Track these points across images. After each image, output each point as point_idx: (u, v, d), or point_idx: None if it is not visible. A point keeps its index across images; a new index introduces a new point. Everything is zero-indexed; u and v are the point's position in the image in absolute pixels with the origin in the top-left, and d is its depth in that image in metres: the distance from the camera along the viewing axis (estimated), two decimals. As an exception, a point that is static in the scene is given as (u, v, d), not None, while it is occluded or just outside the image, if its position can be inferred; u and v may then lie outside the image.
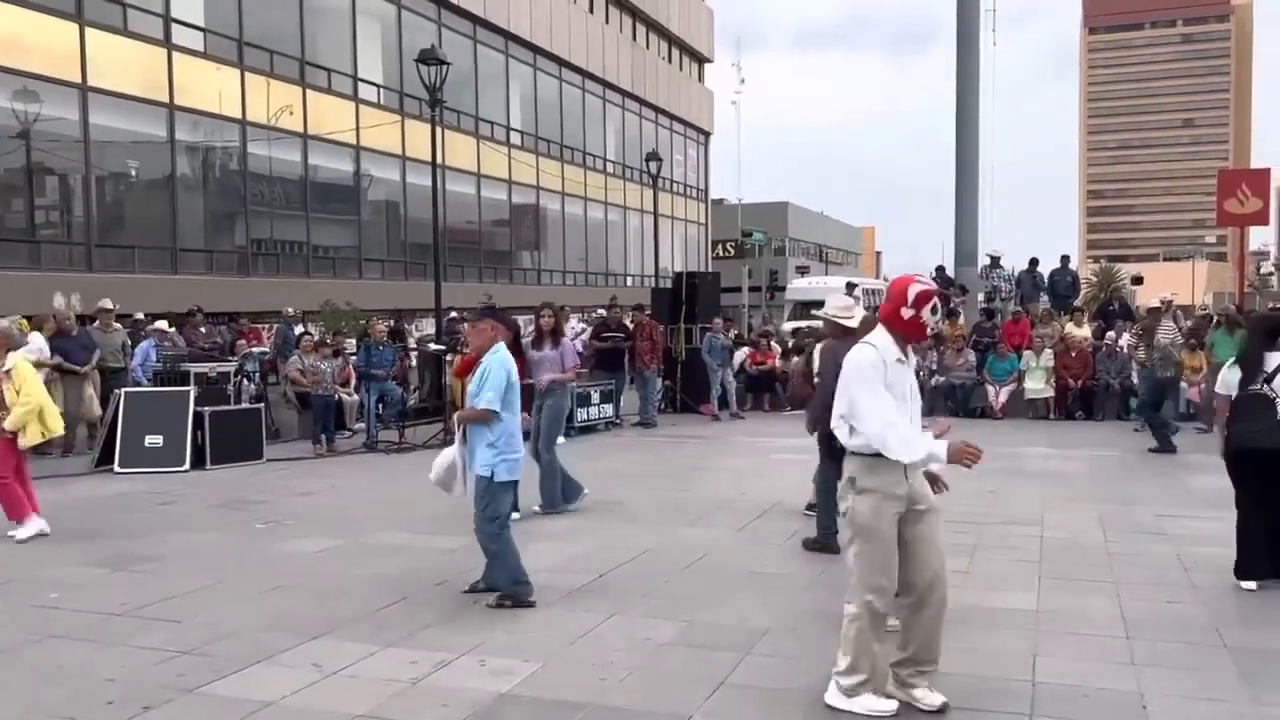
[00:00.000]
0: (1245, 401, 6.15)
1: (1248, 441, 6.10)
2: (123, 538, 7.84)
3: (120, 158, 20.42)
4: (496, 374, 5.79)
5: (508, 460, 5.80)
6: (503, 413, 5.78)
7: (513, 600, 5.77)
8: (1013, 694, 4.47)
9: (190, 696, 4.52)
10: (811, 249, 65.53)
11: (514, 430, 5.85)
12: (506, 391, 5.80)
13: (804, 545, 7.29)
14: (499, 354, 5.90)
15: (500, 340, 6.02)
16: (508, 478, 5.83)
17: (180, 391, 11.66)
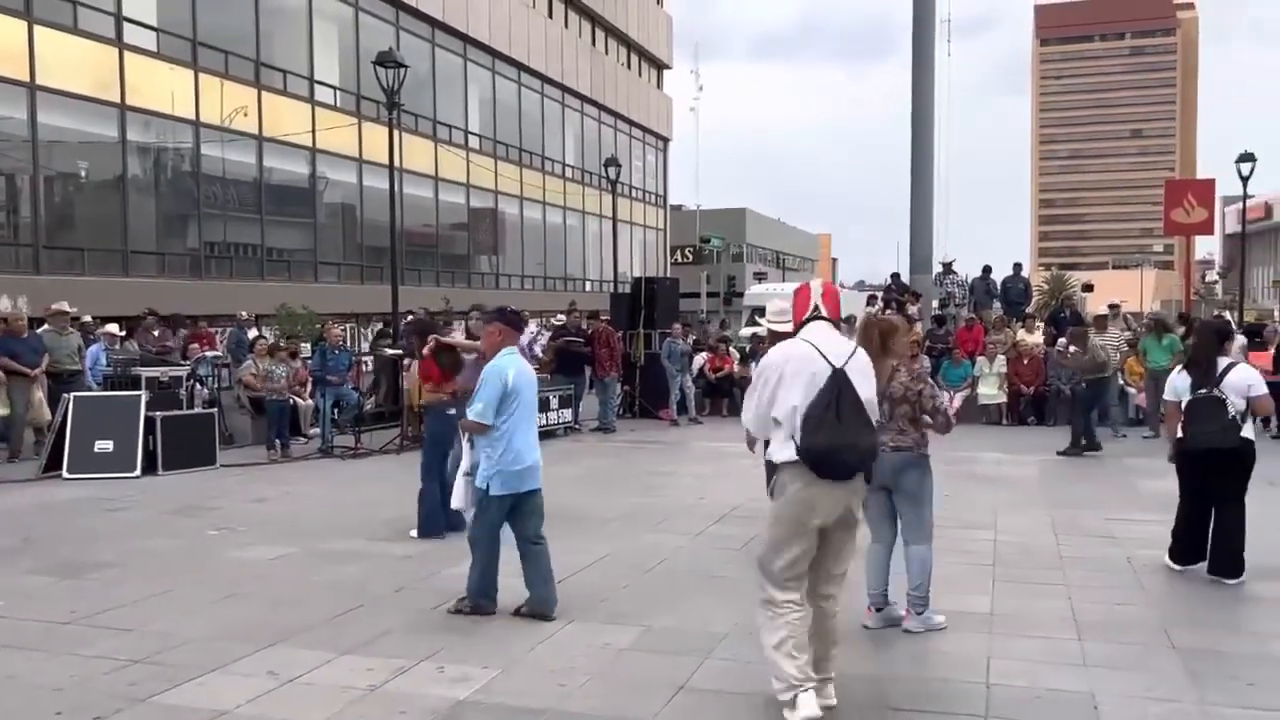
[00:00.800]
0: (1199, 404, 6.38)
1: (1203, 443, 6.36)
2: (72, 545, 7.69)
3: (70, 158, 20.07)
4: (490, 383, 5.54)
5: (503, 473, 5.56)
6: (500, 423, 5.52)
7: (471, 609, 5.69)
8: (967, 696, 4.54)
9: (142, 706, 4.44)
10: (769, 255, 65.94)
11: (515, 442, 5.57)
12: (505, 400, 5.52)
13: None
14: (500, 360, 5.65)
15: (510, 344, 5.76)
16: (501, 491, 5.59)
17: (131, 396, 11.46)
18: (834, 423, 4.15)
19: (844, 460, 4.21)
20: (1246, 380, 6.40)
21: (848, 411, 4.18)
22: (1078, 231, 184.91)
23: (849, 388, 4.20)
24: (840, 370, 4.22)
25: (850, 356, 4.30)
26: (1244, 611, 5.81)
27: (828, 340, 4.32)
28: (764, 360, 4.52)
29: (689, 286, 33.10)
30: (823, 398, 4.17)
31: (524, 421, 5.65)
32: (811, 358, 4.25)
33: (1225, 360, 6.50)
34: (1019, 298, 20.42)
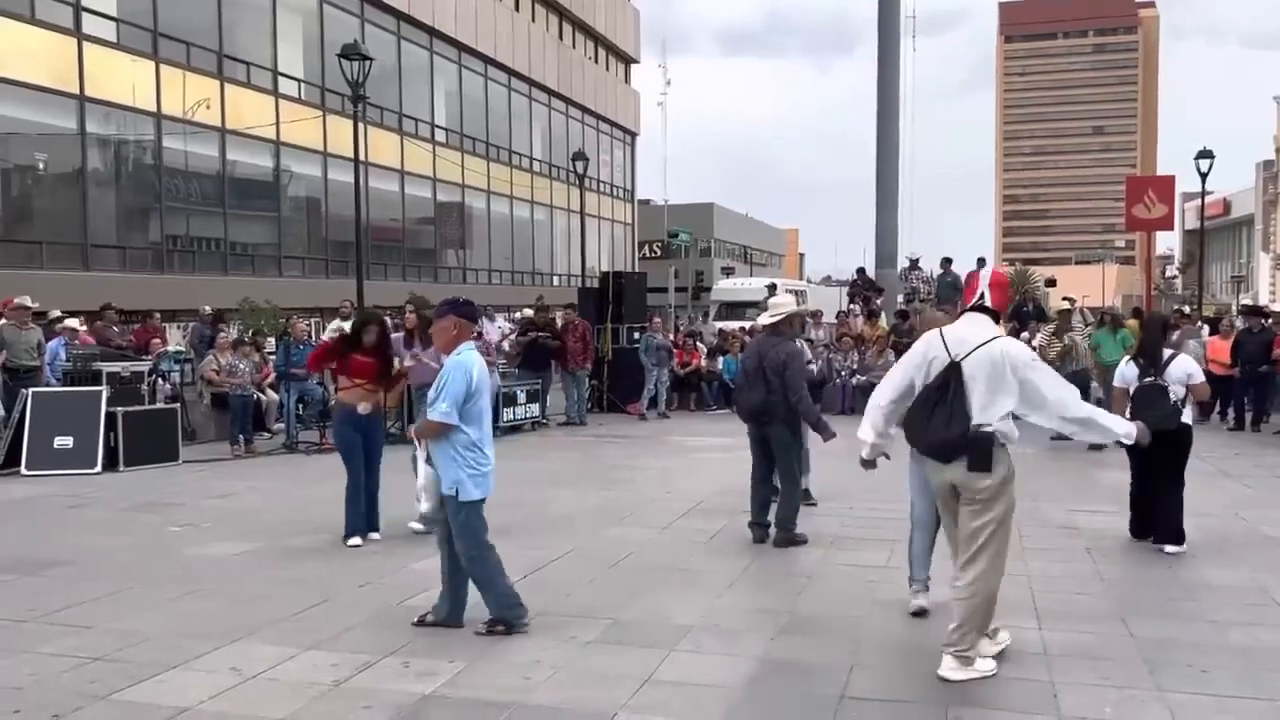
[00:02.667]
0: (1144, 391, 7.05)
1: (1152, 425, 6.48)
2: (30, 542, 7.58)
3: (27, 150, 19.75)
4: (455, 381, 5.14)
5: (474, 475, 5.23)
6: (465, 424, 5.18)
7: (505, 625, 5.24)
8: (932, 684, 4.58)
9: (102, 703, 4.40)
10: (737, 250, 66.16)
11: (480, 442, 5.27)
12: (469, 399, 5.17)
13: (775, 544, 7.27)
14: (461, 356, 5.25)
15: (466, 337, 5.36)
16: (476, 495, 5.25)
17: (91, 391, 11.31)
18: (929, 412, 4.48)
19: (928, 446, 4.56)
20: (1186, 369, 7.14)
21: (940, 399, 4.44)
22: (1041, 227, 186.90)
23: (957, 381, 4.43)
24: (956, 363, 4.46)
25: (975, 350, 4.44)
26: (1201, 601, 5.91)
27: (964, 332, 4.55)
28: (914, 347, 4.81)
29: (657, 281, 33.15)
30: (932, 388, 4.50)
31: (485, 421, 5.35)
32: (934, 352, 4.58)
33: (1169, 351, 7.23)
34: (983, 292, 20.60)
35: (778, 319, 7.37)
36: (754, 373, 7.32)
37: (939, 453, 4.54)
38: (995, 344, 4.45)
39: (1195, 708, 4.31)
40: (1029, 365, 4.45)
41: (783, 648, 5.12)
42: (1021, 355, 4.49)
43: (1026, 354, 4.52)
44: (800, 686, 4.62)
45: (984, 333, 4.50)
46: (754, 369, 7.34)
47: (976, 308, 4.61)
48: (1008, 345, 4.50)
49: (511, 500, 9.12)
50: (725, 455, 12.25)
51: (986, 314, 4.59)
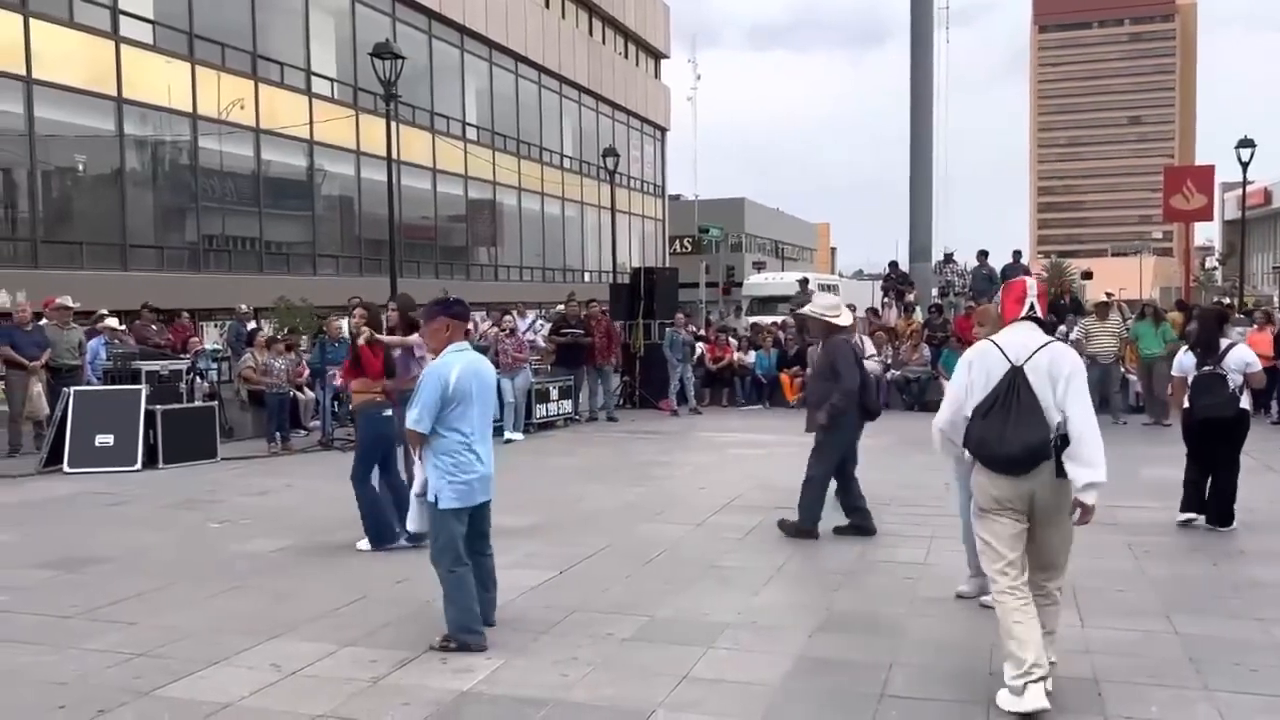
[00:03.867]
0: (1204, 380, 7.48)
1: (1208, 413, 7.44)
2: (73, 539, 7.69)
3: (67, 152, 20.03)
4: (427, 387, 4.96)
5: (454, 483, 4.98)
6: (443, 430, 4.97)
7: (458, 645, 4.99)
8: (972, 683, 4.54)
9: (146, 699, 4.45)
10: (768, 245, 65.94)
11: (467, 448, 5.02)
12: (448, 404, 4.95)
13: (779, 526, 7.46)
14: (443, 359, 5.07)
15: (457, 339, 5.17)
16: (454, 504, 4.99)
17: (131, 390, 11.45)
18: (1002, 421, 4.30)
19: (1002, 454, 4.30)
20: (1244, 359, 7.51)
21: (1017, 408, 4.29)
22: (1077, 219, 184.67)
23: (1025, 385, 4.31)
24: (1018, 368, 4.35)
25: (1034, 354, 4.37)
26: (1246, 598, 5.81)
27: (1019, 339, 4.45)
28: (960, 362, 4.67)
29: (688, 276, 33.08)
30: (994, 394, 4.36)
31: (477, 425, 5.08)
32: (991, 360, 4.44)
33: (1225, 341, 7.65)
34: (1018, 285, 20.38)
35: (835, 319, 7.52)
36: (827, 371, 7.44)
37: (1022, 463, 4.28)
38: (1054, 345, 4.46)
39: (1244, 708, 4.24)
40: (1077, 372, 4.40)
41: (820, 645, 5.08)
42: (1074, 360, 4.45)
43: (1075, 360, 4.47)
44: (839, 684, 4.58)
45: (1040, 338, 4.50)
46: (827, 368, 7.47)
47: (1028, 318, 4.56)
48: (1064, 348, 4.51)
49: (544, 496, 9.18)
50: (758, 451, 12.22)
51: (1038, 323, 4.56)
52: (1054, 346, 4.45)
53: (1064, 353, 4.44)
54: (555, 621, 5.47)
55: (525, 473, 10.76)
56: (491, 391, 5.26)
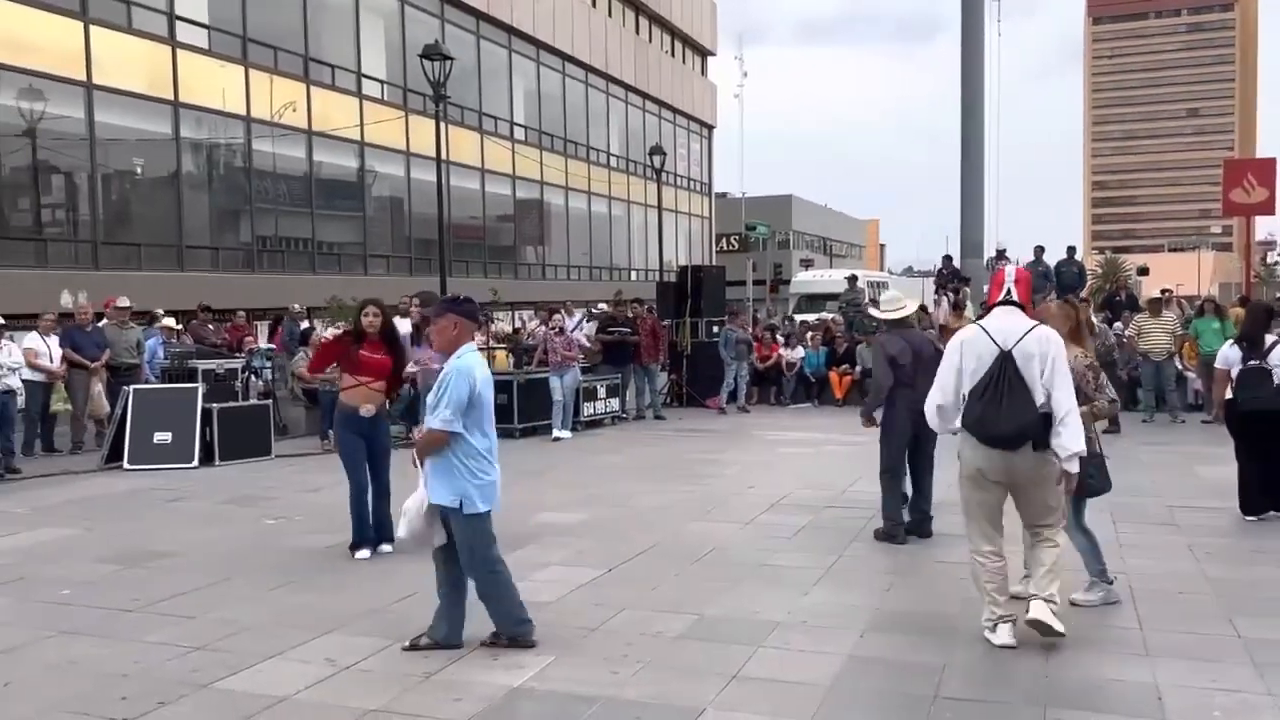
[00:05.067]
0: (1249, 373, 7.55)
1: (1253, 405, 7.50)
2: (134, 534, 7.86)
3: (126, 155, 20.44)
4: (457, 386, 4.78)
5: (480, 485, 4.85)
6: (469, 432, 4.84)
7: (511, 641, 4.98)
8: (1028, 685, 4.47)
9: (204, 692, 4.53)
10: (816, 242, 65.45)
11: (484, 450, 4.91)
12: (472, 406, 4.83)
13: (875, 536, 7.32)
14: (463, 359, 4.90)
15: (467, 339, 5.02)
16: (482, 507, 4.87)
17: (188, 388, 11.68)
18: (995, 403, 4.76)
19: (997, 433, 4.79)
20: None
21: (1008, 391, 4.74)
22: (1132, 214, 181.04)
23: (1014, 369, 4.76)
24: (1007, 352, 4.79)
25: (1021, 339, 4.80)
26: (1312, 601, 5.66)
27: (1006, 324, 4.88)
28: (948, 346, 5.15)
29: (735, 274, 32.91)
30: (987, 377, 4.79)
31: (489, 430, 4.97)
32: (981, 346, 4.88)
33: (1271, 337, 7.71)
34: (1073, 282, 20.06)
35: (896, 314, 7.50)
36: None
37: (1012, 441, 4.77)
38: (1038, 330, 4.85)
39: (1311, 713, 4.13)
40: (1059, 354, 4.79)
41: (872, 646, 5.04)
42: (1057, 343, 4.84)
43: (1059, 344, 4.85)
44: (891, 685, 4.54)
45: (1024, 322, 4.89)
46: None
47: (1006, 302, 4.99)
48: (1048, 331, 4.89)
49: (593, 494, 9.20)
50: (808, 450, 12.15)
51: (1017, 307, 4.97)
52: (1037, 331, 4.85)
53: (1046, 337, 4.84)
54: (605, 619, 5.48)
55: (573, 470, 10.80)
56: (492, 394, 5.10)
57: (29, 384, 11.87)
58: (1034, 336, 4.81)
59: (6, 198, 18.07)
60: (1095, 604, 5.53)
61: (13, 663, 4.93)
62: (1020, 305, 4.98)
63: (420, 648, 4.99)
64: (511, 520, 7.87)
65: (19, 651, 5.10)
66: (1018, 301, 4.98)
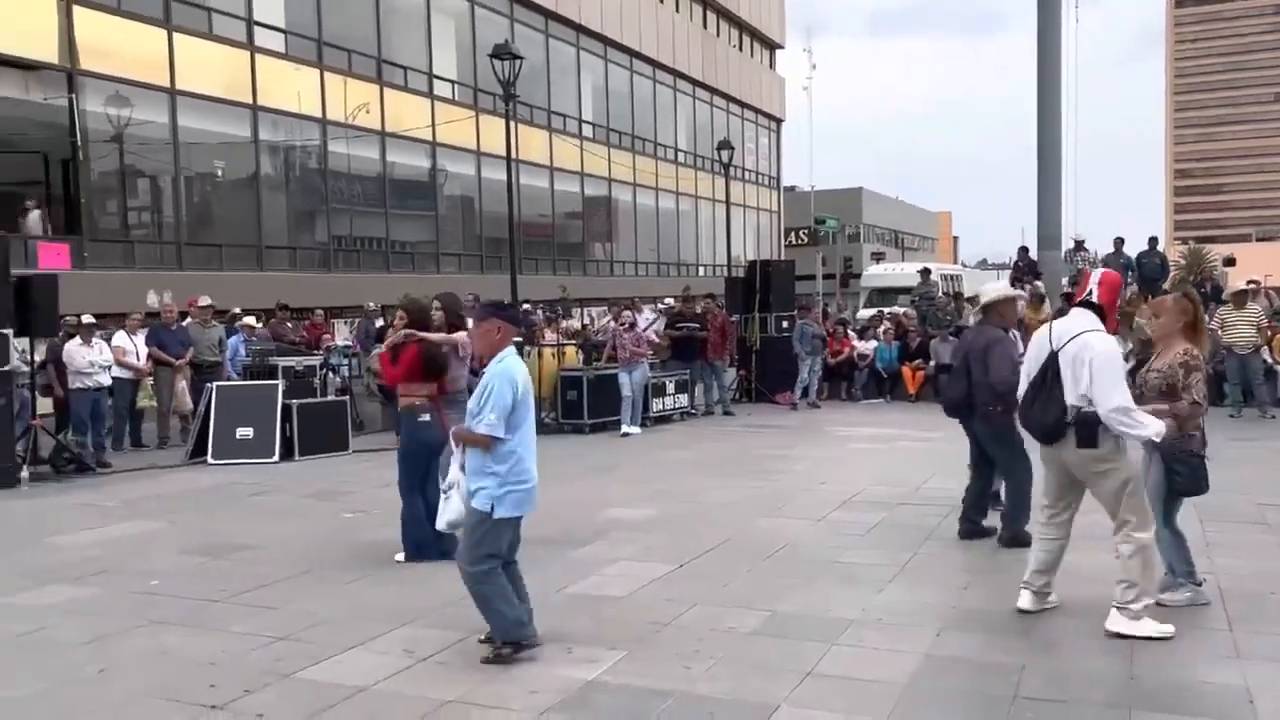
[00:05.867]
0: None
1: None
2: (219, 527, 8.09)
3: (207, 158, 21.01)
4: (500, 391, 4.77)
5: (515, 492, 4.80)
6: (509, 436, 4.79)
7: (513, 647, 4.83)
8: (1111, 686, 4.37)
9: (288, 681, 4.65)
10: (887, 235, 64.63)
11: (523, 454, 4.85)
12: (514, 410, 4.80)
13: (999, 543, 6.93)
14: (504, 363, 4.89)
15: (507, 345, 5.01)
16: (512, 513, 4.84)
17: (269, 385, 11.97)
18: (1032, 397, 5.09)
19: (1029, 427, 5.20)
20: None
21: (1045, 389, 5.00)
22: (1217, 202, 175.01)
23: (1055, 369, 4.97)
24: (1054, 352, 5.01)
25: (1070, 340, 4.97)
26: None
27: (1065, 325, 5.07)
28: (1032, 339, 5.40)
29: (804, 269, 32.65)
30: (1037, 372, 5.07)
31: (531, 433, 4.94)
32: (1041, 342, 5.15)
33: None
34: (1155, 273, 19.48)
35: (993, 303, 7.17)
36: (959, 364, 7.16)
37: (1041, 436, 5.11)
38: (1085, 334, 4.96)
39: None
40: (1097, 355, 4.87)
41: (949, 644, 4.97)
42: (1094, 344, 4.91)
43: (1102, 345, 4.91)
44: (969, 685, 4.48)
45: (1082, 325, 5.02)
46: (959, 360, 7.19)
47: (1084, 303, 5.13)
48: (1091, 335, 4.96)
49: (662, 490, 9.21)
50: (881, 446, 12.01)
51: (1093, 310, 5.08)
52: (1084, 336, 4.94)
53: (1087, 344, 4.91)
54: (676, 614, 5.49)
55: (642, 466, 10.83)
56: (532, 398, 5.00)
57: (117, 381, 12.29)
58: (1078, 341, 4.94)
59: (96, 201, 18.69)
60: (1182, 605, 5.37)
61: (106, 650, 5.12)
62: (1099, 307, 5.07)
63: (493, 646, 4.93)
64: (580, 516, 7.96)
65: (111, 640, 5.29)
66: (1096, 303, 5.09)
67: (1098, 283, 5.15)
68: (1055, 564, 5.41)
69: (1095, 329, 5.00)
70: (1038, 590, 5.39)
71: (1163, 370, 5.20)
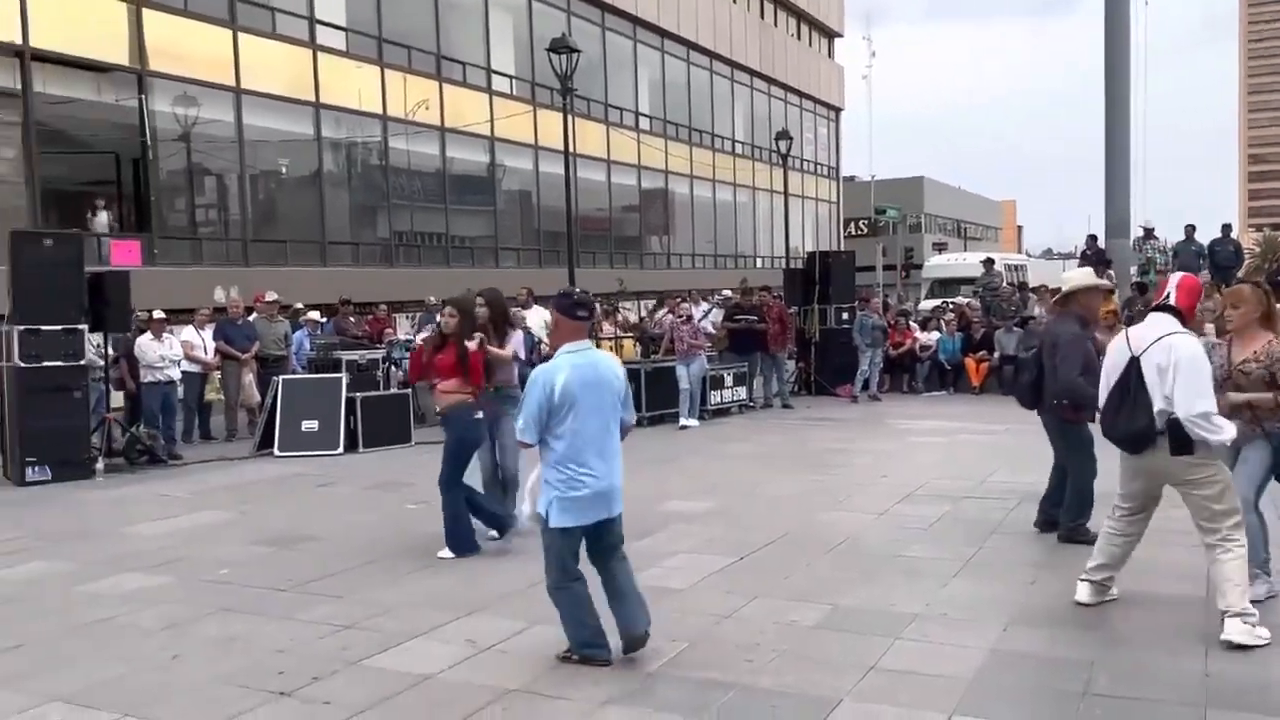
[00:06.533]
0: None
1: None
2: (286, 518, 8.25)
3: (271, 156, 21.39)
4: (528, 394, 4.56)
5: (563, 499, 4.53)
6: (551, 439, 4.54)
7: (580, 660, 4.67)
8: (1184, 684, 4.27)
9: (354, 668, 4.73)
10: (949, 225, 63.66)
11: (576, 460, 4.53)
12: (555, 413, 4.51)
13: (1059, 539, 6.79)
14: (554, 362, 4.61)
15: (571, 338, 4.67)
16: (565, 522, 4.56)
17: (333, 378, 12.17)
18: (1115, 406, 4.96)
19: (1115, 437, 5.02)
20: None
21: (1128, 396, 4.88)
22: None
23: (1138, 375, 4.86)
24: (1135, 358, 4.90)
25: (1152, 345, 4.85)
26: None
27: (1144, 330, 4.98)
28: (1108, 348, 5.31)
29: (864, 260, 32.30)
30: (1118, 379, 4.96)
31: (589, 436, 4.55)
32: (1119, 349, 5.05)
33: None
34: (1228, 261, 18.95)
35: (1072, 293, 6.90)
36: (1034, 355, 7.02)
37: (1129, 444, 4.97)
38: (1167, 337, 4.84)
39: None
40: (1183, 358, 4.75)
41: (1015, 640, 4.89)
42: (1179, 347, 4.79)
43: (1187, 348, 4.78)
44: (1037, 681, 4.40)
45: (1163, 328, 4.91)
46: (1034, 352, 7.04)
47: (1162, 307, 5.05)
48: (1175, 338, 4.84)
49: (721, 483, 9.19)
50: (943, 440, 11.85)
51: (1171, 313, 4.98)
52: (1168, 339, 4.83)
53: (1172, 345, 4.80)
54: (737, 607, 5.47)
55: (701, 459, 10.81)
56: (610, 395, 4.64)
57: (186, 375, 12.59)
58: (1161, 345, 4.84)
59: (165, 199, 19.15)
60: (1260, 599, 5.22)
61: (179, 637, 5.25)
62: (1177, 311, 4.99)
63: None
64: (639, 509, 7.93)
65: (184, 627, 5.42)
66: (1174, 307, 5.01)
67: (1176, 286, 5.10)
68: (1122, 561, 5.31)
69: (1179, 331, 4.90)
70: (1099, 583, 5.31)
71: (1262, 359, 5.07)
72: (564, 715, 4.18)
